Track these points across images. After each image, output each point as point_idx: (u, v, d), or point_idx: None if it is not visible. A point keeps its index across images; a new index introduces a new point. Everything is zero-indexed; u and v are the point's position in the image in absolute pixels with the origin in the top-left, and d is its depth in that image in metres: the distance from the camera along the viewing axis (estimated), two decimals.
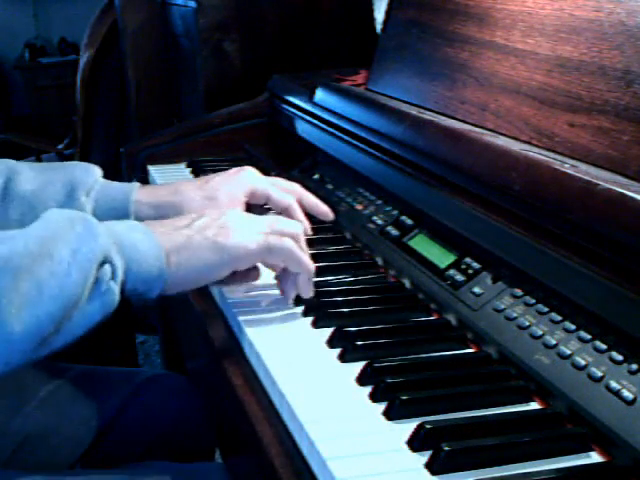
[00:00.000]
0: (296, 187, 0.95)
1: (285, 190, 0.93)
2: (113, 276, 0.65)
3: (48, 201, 0.87)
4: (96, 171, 0.93)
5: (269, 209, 0.96)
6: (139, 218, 0.89)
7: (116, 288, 0.65)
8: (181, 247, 0.70)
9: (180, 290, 0.72)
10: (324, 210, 0.96)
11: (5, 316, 0.57)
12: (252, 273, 0.79)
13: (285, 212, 0.93)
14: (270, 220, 0.77)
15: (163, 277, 0.68)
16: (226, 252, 0.71)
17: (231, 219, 0.74)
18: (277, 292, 0.81)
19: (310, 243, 0.95)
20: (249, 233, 0.73)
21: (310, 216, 1.02)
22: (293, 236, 0.76)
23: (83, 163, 0.94)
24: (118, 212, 0.89)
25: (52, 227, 0.64)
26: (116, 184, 0.93)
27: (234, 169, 0.95)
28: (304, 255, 0.76)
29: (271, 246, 0.73)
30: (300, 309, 0.79)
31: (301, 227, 0.80)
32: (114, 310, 0.66)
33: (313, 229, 0.98)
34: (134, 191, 0.91)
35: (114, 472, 0.85)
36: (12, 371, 0.59)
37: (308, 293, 0.78)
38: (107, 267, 0.64)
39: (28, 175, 0.89)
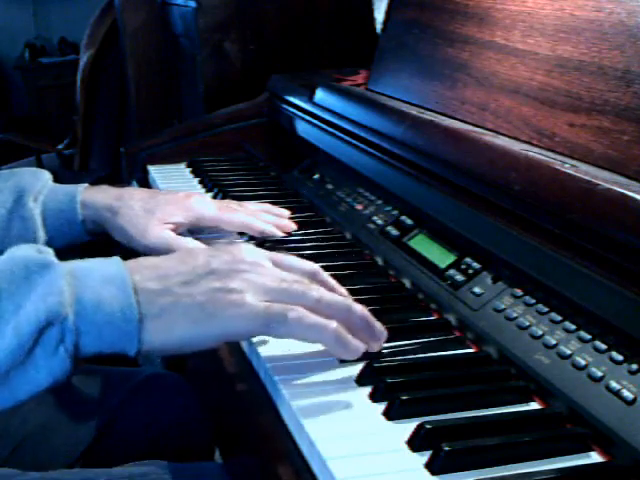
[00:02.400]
0: (249, 206, 0.98)
1: (235, 211, 0.95)
2: (62, 340, 0.56)
3: None
4: (45, 176, 0.96)
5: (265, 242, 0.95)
6: (86, 218, 0.93)
7: (66, 354, 0.57)
8: (161, 313, 0.60)
9: (162, 354, 0.65)
10: (284, 224, 0.98)
11: None
12: None
13: (244, 229, 0.96)
14: (284, 282, 0.64)
15: (134, 342, 0.59)
16: (210, 326, 0.61)
17: (238, 280, 0.63)
18: None
19: (309, 243, 0.95)
20: (250, 300, 0.61)
21: (309, 216, 1.02)
22: (312, 303, 0.63)
23: (32, 168, 0.97)
24: (65, 214, 0.93)
25: (1, 275, 0.57)
26: (63, 187, 0.96)
27: (184, 193, 0.98)
28: (317, 322, 0.62)
29: (271, 321, 0.61)
30: None
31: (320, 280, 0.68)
32: (70, 374, 0.58)
33: (314, 231, 0.98)
34: (80, 192, 0.94)
35: (113, 472, 0.85)
36: None
37: (352, 354, 0.64)
38: (54, 330, 0.56)
39: None
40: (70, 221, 0.93)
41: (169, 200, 0.95)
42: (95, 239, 0.97)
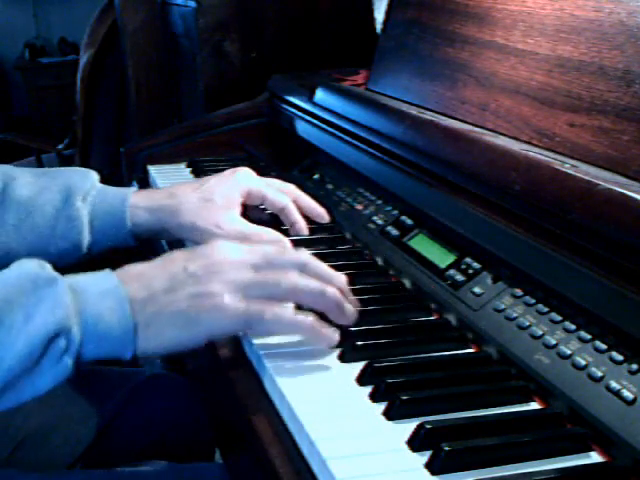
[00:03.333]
0: (291, 188, 0.97)
1: (280, 191, 0.94)
2: (67, 349, 0.60)
3: (45, 206, 0.88)
4: (93, 176, 0.93)
5: (264, 209, 0.97)
6: (136, 223, 0.90)
7: (70, 361, 0.61)
8: (150, 321, 0.64)
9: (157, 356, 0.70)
10: (319, 212, 0.97)
11: None
12: None
13: (281, 213, 0.94)
14: (259, 274, 0.67)
15: (130, 349, 0.63)
16: (196, 330, 0.65)
17: (215, 283, 0.65)
18: None
19: (310, 244, 0.95)
20: (229, 302, 0.65)
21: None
22: (287, 292, 0.68)
23: (81, 168, 0.95)
24: (114, 217, 0.90)
25: (12, 288, 0.60)
26: (112, 189, 0.93)
27: (229, 170, 0.96)
28: (292, 320, 0.66)
29: (251, 320, 0.65)
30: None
31: (301, 266, 0.70)
32: (70, 378, 0.62)
33: (312, 229, 0.98)
34: (130, 196, 0.91)
35: (114, 472, 0.85)
36: None
37: (328, 344, 0.69)
38: (61, 341, 0.59)
39: (25, 180, 0.90)
40: (117, 224, 0.90)
41: (218, 182, 0.93)
42: (138, 244, 0.94)
